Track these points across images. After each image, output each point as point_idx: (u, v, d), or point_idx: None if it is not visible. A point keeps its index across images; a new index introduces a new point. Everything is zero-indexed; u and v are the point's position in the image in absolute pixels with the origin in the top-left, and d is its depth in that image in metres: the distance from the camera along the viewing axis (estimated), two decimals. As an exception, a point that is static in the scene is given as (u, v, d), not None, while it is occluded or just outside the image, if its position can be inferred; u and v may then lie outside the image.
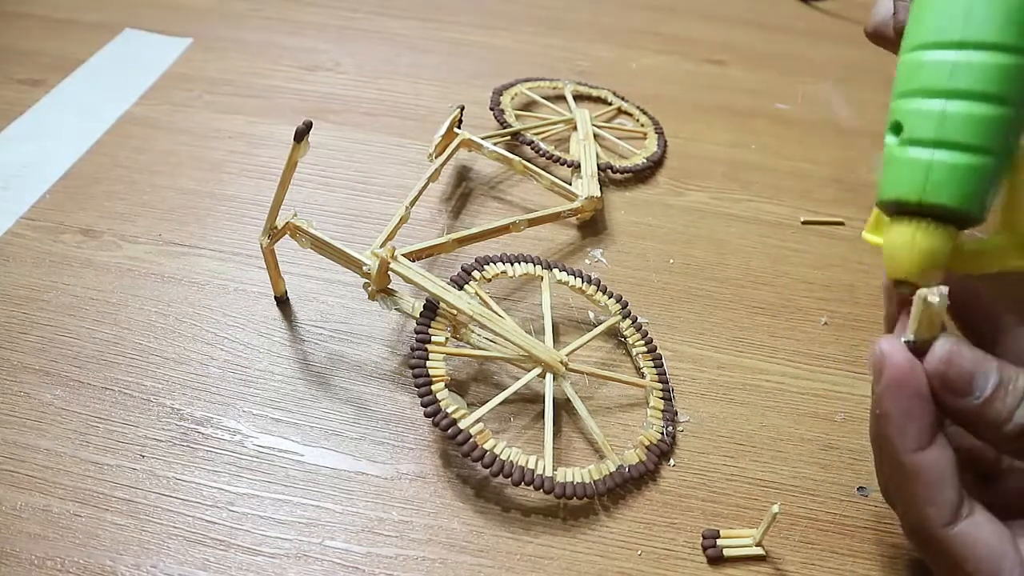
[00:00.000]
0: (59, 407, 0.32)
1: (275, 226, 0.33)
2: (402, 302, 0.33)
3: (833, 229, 0.46)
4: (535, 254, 0.37)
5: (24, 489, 0.29)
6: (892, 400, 0.23)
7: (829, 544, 0.30)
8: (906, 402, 0.23)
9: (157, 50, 0.56)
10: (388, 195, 0.45)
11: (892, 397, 0.23)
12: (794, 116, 0.56)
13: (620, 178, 0.48)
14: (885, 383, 0.23)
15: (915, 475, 0.23)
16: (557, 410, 0.33)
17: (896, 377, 0.23)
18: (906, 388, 0.23)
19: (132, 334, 0.35)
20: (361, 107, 0.52)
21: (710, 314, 0.39)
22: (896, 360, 0.23)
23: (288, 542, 0.28)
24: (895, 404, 0.23)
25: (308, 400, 0.33)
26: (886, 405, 0.23)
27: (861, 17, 0.73)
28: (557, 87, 0.55)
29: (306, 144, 0.31)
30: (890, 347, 0.23)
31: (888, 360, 0.23)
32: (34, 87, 0.51)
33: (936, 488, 0.23)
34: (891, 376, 0.23)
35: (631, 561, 0.29)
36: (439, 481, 0.31)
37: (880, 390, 0.23)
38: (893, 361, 0.23)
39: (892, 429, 0.23)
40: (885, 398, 0.23)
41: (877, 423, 0.24)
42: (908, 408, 0.23)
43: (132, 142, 0.47)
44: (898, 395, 0.23)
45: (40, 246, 0.39)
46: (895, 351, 0.23)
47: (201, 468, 0.30)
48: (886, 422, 0.24)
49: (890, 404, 0.23)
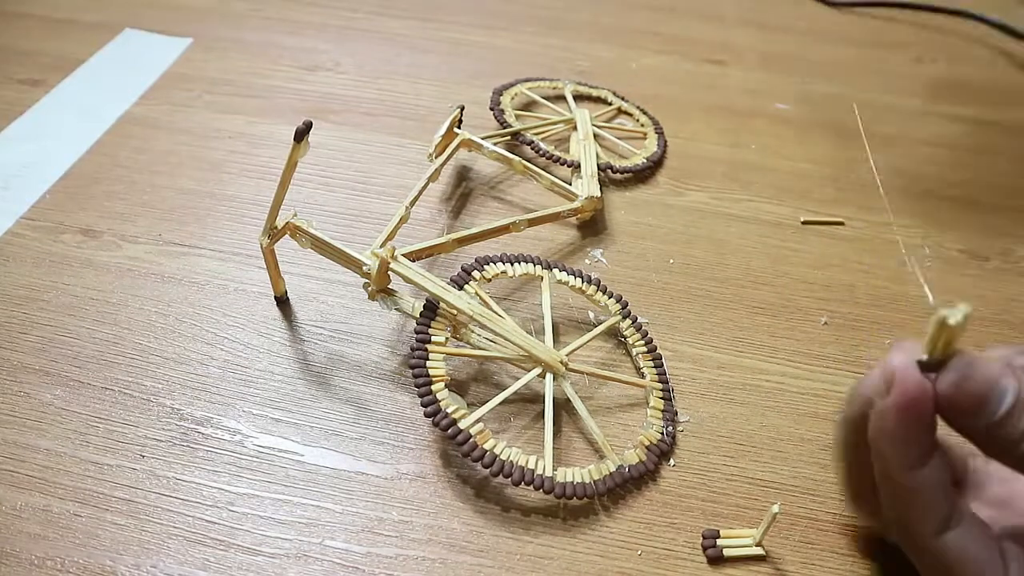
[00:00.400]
0: (59, 407, 0.32)
1: (275, 226, 0.33)
2: (402, 302, 0.33)
3: (833, 229, 0.46)
4: (535, 254, 0.37)
5: (24, 489, 0.29)
6: (897, 420, 0.23)
7: (829, 544, 0.30)
8: (911, 425, 0.23)
9: (157, 50, 0.56)
10: (388, 195, 0.45)
11: (898, 418, 0.23)
12: (794, 116, 0.56)
13: (620, 178, 0.48)
14: (894, 403, 0.23)
15: (912, 493, 0.23)
16: (557, 410, 0.33)
17: (906, 400, 0.22)
18: (913, 411, 0.22)
19: (132, 334, 0.35)
20: (361, 107, 0.52)
21: (710, 314, 0.39)
22: (908, 382, 0.22)
23: (288, 542, 0.28)
24: (900, 424, 0.23)
25: (308, 400, 0.33)
26: (890, 424, 0.23)
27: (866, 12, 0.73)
28: (557, 87, 0.55)
29: (306, 144, 0.31)
30: (902, 366, 0.22)
31: (899, 380, 0.22)
32: (34, 87, 0.51)
33: (929, 504, 0.23)
34: (901, 398, 0.22)
35: (631, 561, 0.29)
36: (439, 481, 0.31)
37: (886, 407, 0.23)
38: (905, 383, 0.22)
39: (892, 447, 0.23)
40: (890, 417, 0.23)
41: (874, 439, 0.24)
42: (913, 431, 0.23)
43: (132, 142, 0.47)
44: (904, 417, 0.22)
45: (40, 246, 0.39)
46: (907, 371, 0.22)
47: (201, 468, 0.30)
48: (887, 439, 0.23)
49: (894, 423, 0.23)
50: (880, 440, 0.24)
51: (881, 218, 0.46)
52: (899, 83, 0.62)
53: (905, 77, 0.63)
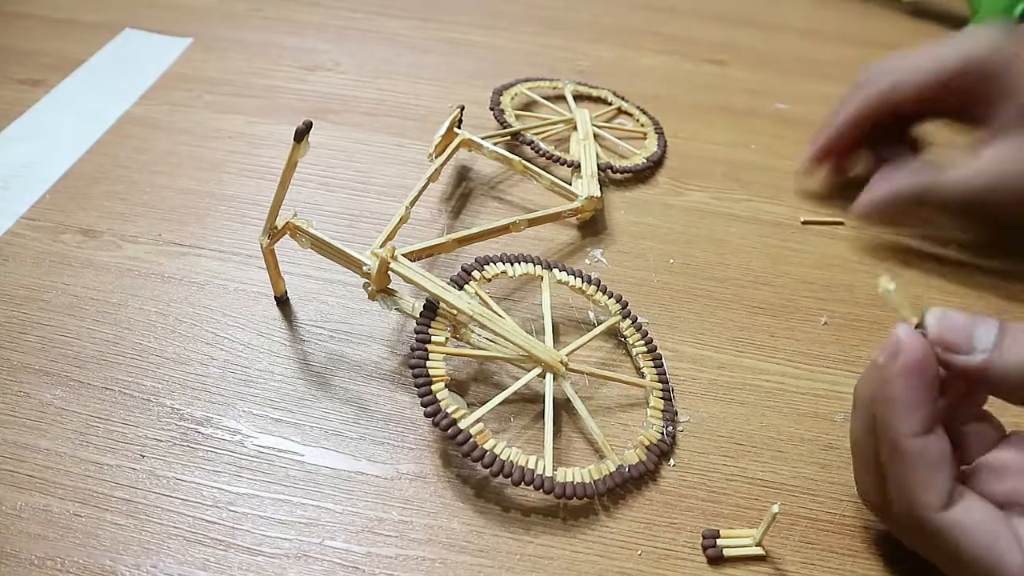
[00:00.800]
0: (59, 407, 0.32)
1: (275, 226, 0.33)
2: (402, 302, 0.33)
3: (833, 229, 0.46)
4: (535, 254, 0.37)
5: (24, 489, 0.29)
6: (904, 383, 0.24)
7: (829, 544, 0.30)
8: (918, 387, 0.24)
9: (157, 50, 0.56)
10: (388, 195, 0.45)
11: (905, 380, 0.24)
12: (794, 116, 0.56)
13: (620, 178, 0.48)
14: (901, 367, 0.24)
15: (915, 458, 0.24)
16: (557, 410, 0.33)
17: (912, 361, 0.24)
18: (921, 373, 0.24)
19: (132, 334, 0.35)
20: (361, 107, 0.52)
21: (710, 314, 0.39)
22: (913, 346, 0.24)
23: (288, 542, 0.28)
24: (906, 387, 0.24)
25: (308, 400, 0.33)
26: (896, 389, 0.24)
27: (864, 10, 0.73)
28: (557, 87, 0.55)
29: (306, 144, 0.31)
30: (907, 334, 0.25)
31: (905, 345, 0.24)
32: (34, 87, 0.51)
33: (933, 472, 0.24)
34: (907, 360, 0.24)
35: (631, 561, 0.29)
36: (439, 481, 0.31)
37: (893, 374, 0.24)
38: (910, 346, 0.24)
39: (897, 413, 0.24)
40: (897, 382, 0.24)
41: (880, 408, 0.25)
42: (918, 393, 0.24)
43: (132, 142, 0.47)
44: (911, 379, 0.24)
45: (40, 246, 0.39)
46: (912, 338, 0.24)
47: (201, 468, 0.30)
48: (892, 407, 0.24)
49: (901, 388, 0.24)
50: (887, 407, 0.25)
51: (881, 218, 0.46)
52: (899, 83, 0.62)
53: (905, 77, 0.63)
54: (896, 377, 0.24)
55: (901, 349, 0.24)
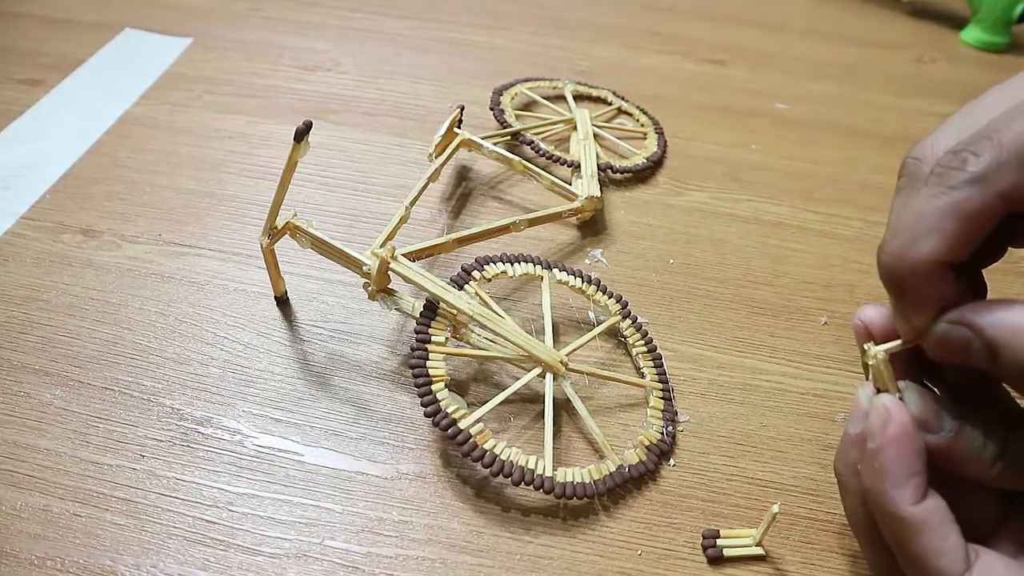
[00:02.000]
0: (59, 407, 0.32)
1: (275, 226, 0.33)
2: (402, 302, 0.33)
3: (833, 229, 0.46)
4: (535, 254, 0.37)
5: (24, 489, 0.29)
6: (896, 454, 0.23)
7: (829, 544, 0.30)
8: (910, 456, 0.23)
9: (157, 50, 0.56)
10: (388, 195, 0.45)
11: (897, 451, 0.23)
12: (794, 116, 0.56)
13: (620, 178, 0.48)
14: (890, 437, 0.23)
15: (920, 526, 0.23)
16: (557, 410, 0.33)
17: (902, 432, 0.23)
18: (913, 442, 0.23)
19: (132, 334, 0.35)
20: (361, 107, 0.52)
21: (710, 314, 0.39)
22: (903, 416, 0.23)
23: (288, 542, 0.28)
24: (898, 458, 0.23)
25: (308, 400, 0.33)
26: (886, 460, 0.23)
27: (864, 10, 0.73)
28: (557, 87, 0.55)
29: (306, 144, 0.31)
30: (893, 404, 0.24)
31: (893, 417, 0.23)
32: (34, 87, 0.51)
33: (943, 535, 0.23)
34: (896, 431, 0.23)
35: (631, 561, 0.29)
36: (439, 481, 0.31)
37: (881, 446, 0.23)
38: (898, 417, 0.23)
39: (890, 485, 0.23)
40: (886, 453, 0.23)
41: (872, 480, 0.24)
42: (911, 463, 0.23)
43: (132, 142, 0.47)
44: (902, 450, 0.23)
45: (40, 246, 0.39)
46: (898, 408, 0.24)
47: (201, 468, 0.30)
48: (882, 478, 0.23)
49: (892, 459, 0.23)
50: (878, 478, 0.24)
51: (881, 218, 0.46)
52: (899, 83, 0.62)
53: (905, 77, 0.63)
54: (886, 448, 0.23)
55: (890, 420, 0.24)
